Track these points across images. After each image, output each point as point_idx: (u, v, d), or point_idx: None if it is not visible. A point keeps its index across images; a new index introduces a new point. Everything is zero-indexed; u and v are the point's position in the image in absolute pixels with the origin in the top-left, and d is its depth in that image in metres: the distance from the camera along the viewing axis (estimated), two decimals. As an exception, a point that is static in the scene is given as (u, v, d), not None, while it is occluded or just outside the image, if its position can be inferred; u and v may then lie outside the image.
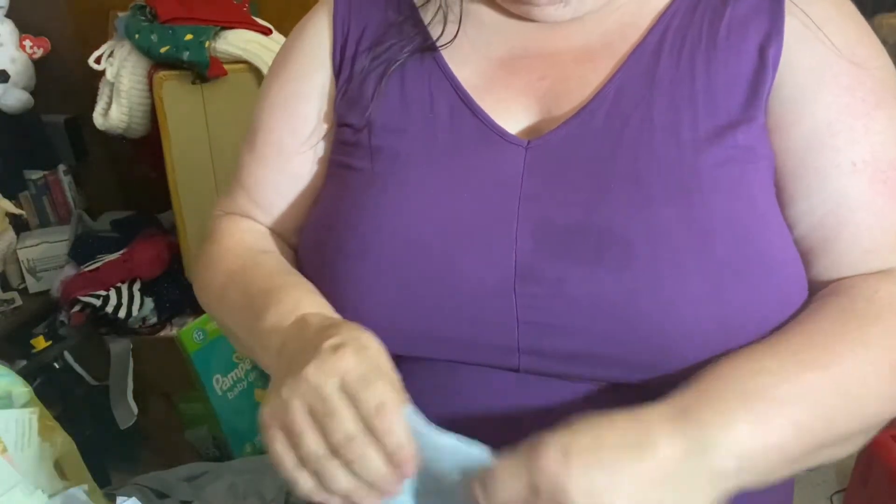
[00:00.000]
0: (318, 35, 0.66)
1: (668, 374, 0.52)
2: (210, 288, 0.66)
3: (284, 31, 1.79)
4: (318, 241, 0.61)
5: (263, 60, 1.63)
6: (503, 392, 0.56)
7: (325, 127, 0.66)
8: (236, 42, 1.63)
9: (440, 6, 0.62)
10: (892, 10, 2.30)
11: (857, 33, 0.58)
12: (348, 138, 0.62)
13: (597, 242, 0.52)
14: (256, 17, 1.74)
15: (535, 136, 0.58)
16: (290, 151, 0.66)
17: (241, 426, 1.83)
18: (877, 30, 2.46)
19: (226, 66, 1.62)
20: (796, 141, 0.56)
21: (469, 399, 0.57)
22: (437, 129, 0.59)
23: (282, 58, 0.69)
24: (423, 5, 0.64)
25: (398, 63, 0.62)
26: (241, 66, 1.64)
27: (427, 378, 0.57)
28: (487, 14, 0.63)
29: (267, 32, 1.70)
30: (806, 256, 0.56)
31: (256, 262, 0.64)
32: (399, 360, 0.57)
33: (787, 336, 0.52)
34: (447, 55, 0.62)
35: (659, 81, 0.56)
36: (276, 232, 0.70)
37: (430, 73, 0.61)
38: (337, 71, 0.65)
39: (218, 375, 1.77)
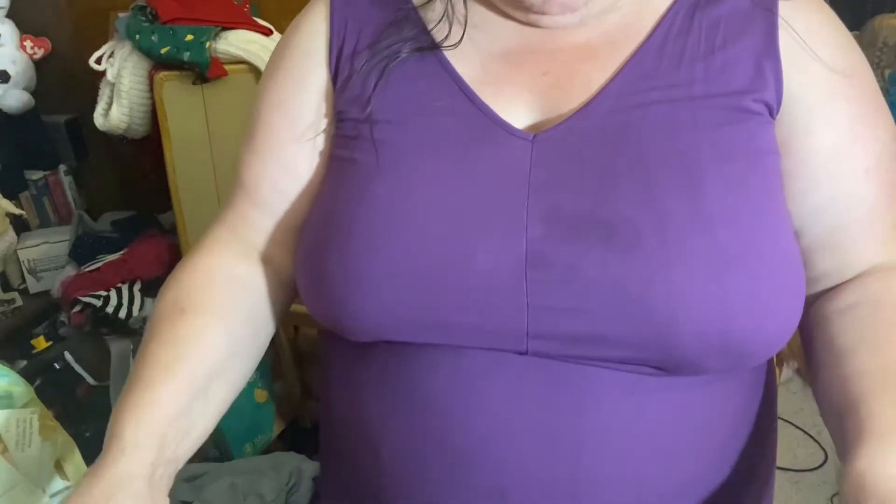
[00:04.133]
0: (314, 33, 0.66)
1: (670, 353, 0.55)
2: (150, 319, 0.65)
3: (284, 32, 1.79)
4: (319, 237, 0.61)
5: (264, 61, 1.63)
6: (510, 375, 0.57)
7: (323, 122, 0.66)
8: (237, 42, 1.63)
9: (446, 8, 0.63)
10: (892, 10, 2.30)
11: (848, 43, 0.62)
12: (349, 132, 0.63)
13: (606, 229, 0.54)
14: (257, 17, 1.74)
15: (538, 131, 0.59)
16: (287, 147, 0.66)
17: (240, 426, 1.83)
18: (877, 30, 2.45)
19: (226, 67, 1.62)
20: (810, 151, 0.60)
21: (476, 382, 0.58)
22: (440, 124, 0.60)
23: (278, 55, 0.69)
24: (423, 5, 0.64)
25: (399, 59, 0.62)
26: (241, 66, 1.64)
27: (433, 363, 0.59)
28: (488, 14, 0.64)
29: (267, 33, 1.70)
30: (817, 250, 0.61)
31: (158, 339, 0.61)
32: (406, 347, 0.59)
33: (869, 353, 0.56)
34: (448, 53, 0.62)
35: (659, 85, 0.58)
36: (278, 232, 0.68)
37: (433, 71, 0.62)
38: (334, 70, 0.65)
39: (218, 376, 1.77)
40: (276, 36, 1.73)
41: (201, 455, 1.81)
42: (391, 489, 0.63)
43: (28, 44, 1.84)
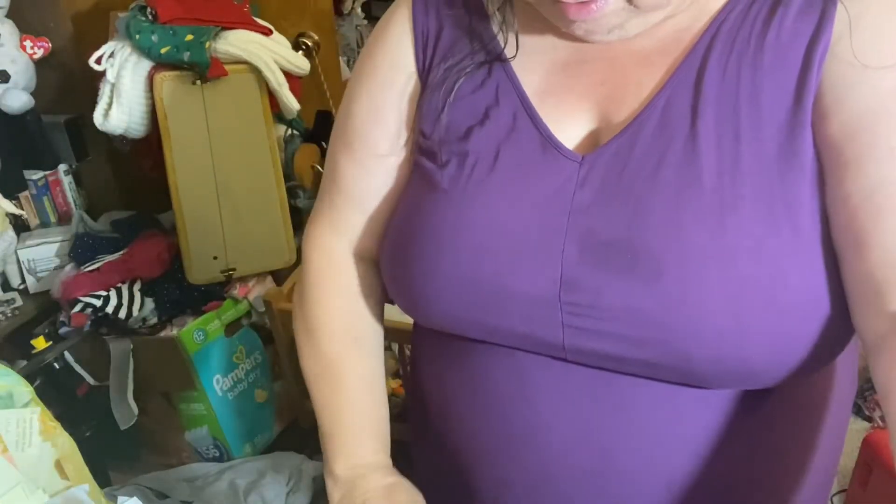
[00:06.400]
0: (401, 40, 0.69)
1: (688, 376, 0.58)
2: (306, 356, 0.77)
3: (284, 32, 1.79)
4: (399, 241, 0.68)
5: (264, 61, 1.63)
6: (555, 377, 0.63)
7: (408, 132, 0.71)
8: (237, 42, 1.63)
9: (501, 23, 0.65)
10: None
11: None
12: (424, 145, 0.67)
13: (632, 257, 0.56)
14: (257, 17, 1.74)
15: (590, 146, 0.61)
16: (387, 158, 0.72)
17: (241, 426, 1.83)
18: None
19: (226, 67, 1.62)
20: (840, 127, 0.53)
21: (526, 381, 0.65)
22: (500, 140, 0.63)
23: (369, 64, 0.71)
24: (493, 14, 0.66)
25: (467, 73, 0.65)
26: (241, 66, 1.64)
27: (493, 359, 0.67)
28: (546, 26, 0.63)
29: (267, 33, 1.70)
30: (852, 247, 0.54)
31: (343, 369, 0.74)
32: (468, 343, 0.68)
33: None
34: (515, 63, 0.64)
35: (705, 91, 0.56)
36: (376, 228, 0.75)
37: (499, 82, 0.65)
38: (423, 76, 0.68)
39: (218, 376, 1.77)
40: (276, 36, 1.72)
41: (201, 455, 1.81)
42: (468, 456, 0.72)
43: (28, 44, 1.84)
